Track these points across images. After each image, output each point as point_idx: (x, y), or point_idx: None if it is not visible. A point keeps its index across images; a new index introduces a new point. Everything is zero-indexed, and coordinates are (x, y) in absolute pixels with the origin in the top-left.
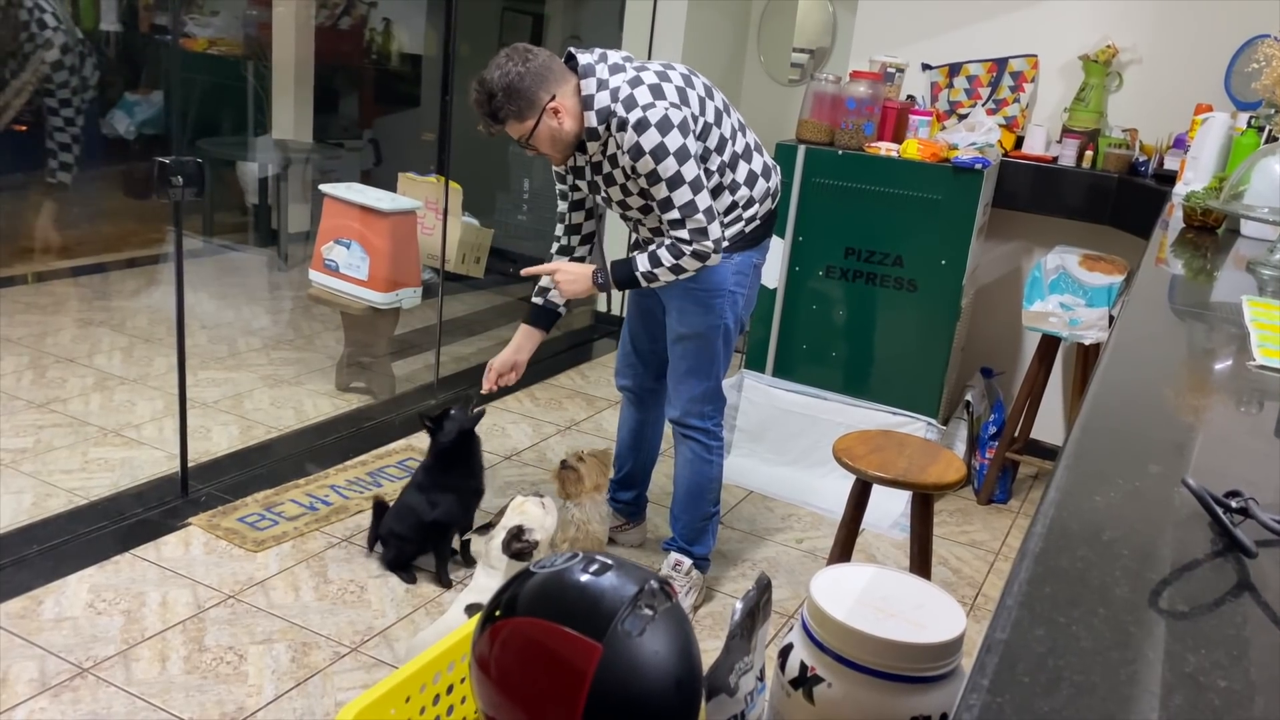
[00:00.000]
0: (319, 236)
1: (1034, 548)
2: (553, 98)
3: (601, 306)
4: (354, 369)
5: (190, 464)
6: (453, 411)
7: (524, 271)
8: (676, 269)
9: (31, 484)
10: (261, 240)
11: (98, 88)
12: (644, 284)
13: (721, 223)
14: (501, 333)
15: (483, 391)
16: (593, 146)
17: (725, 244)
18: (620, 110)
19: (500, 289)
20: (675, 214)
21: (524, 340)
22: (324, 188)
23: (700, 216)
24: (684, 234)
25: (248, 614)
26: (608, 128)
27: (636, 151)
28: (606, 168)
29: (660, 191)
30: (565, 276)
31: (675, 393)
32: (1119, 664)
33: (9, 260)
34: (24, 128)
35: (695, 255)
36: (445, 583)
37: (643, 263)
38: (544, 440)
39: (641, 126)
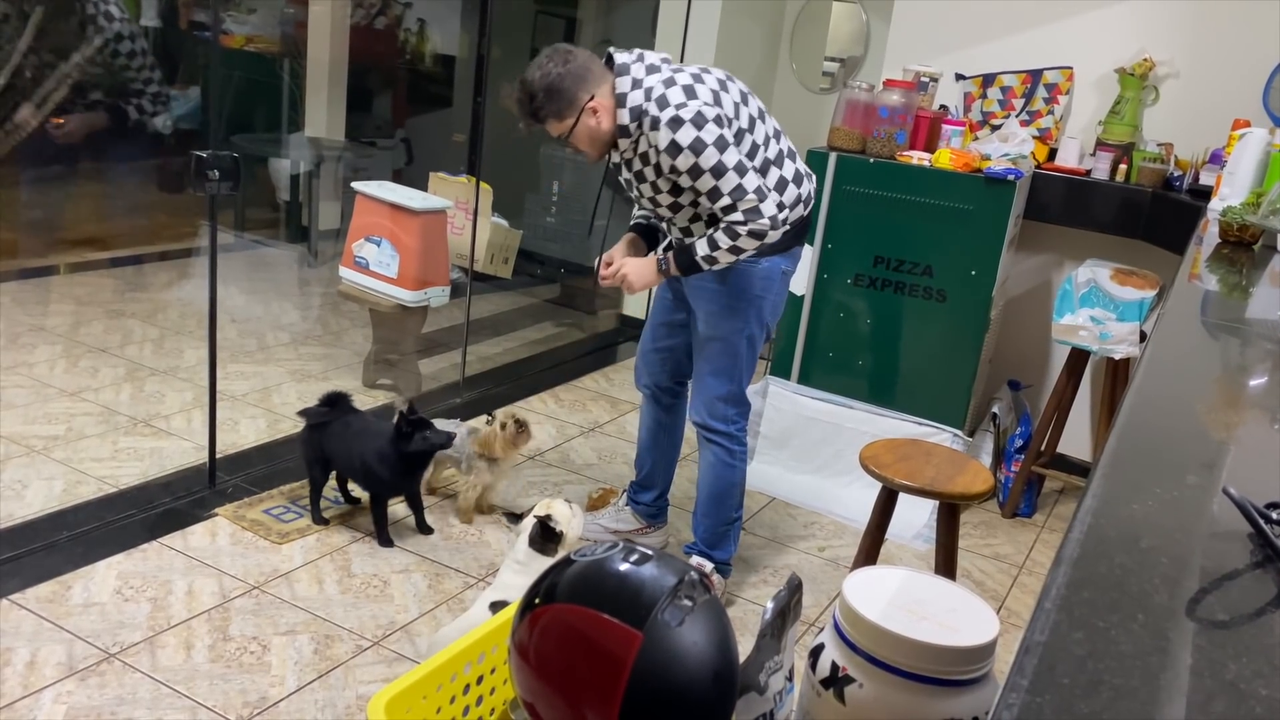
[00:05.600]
0: (350, 233)
1: (1071, 553)
2: (591, 97)
3: (627, 310)
4: (381, 366)
5: (218, 455)
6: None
7: (601, 278)
8: (735, 250)
9: (62, 471)
10: (292, 236)
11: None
12: (705, 267)
13: (777, 200)
14: (528, 333)
15: (602, 280)
16: (624, 143)
17: (783, 220)
18: (653, 109)
19: (528, 290)
20: (726, 200)
21: (628, 245)
22: (356, 185)
23: (751, 196)
24: (738, 216)
25: (272, 605)
26: (639, 125)
27: (674, 149)
28: (637, 165)
29: (706, 183)
30: (632, 270)
31: (698, 394)
32: (1158, 669)
33: (43, 251)
34: (61, 120)
35: (752, 235)
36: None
37: (702, 247)
38: (568, 441)
39: (676, 124)
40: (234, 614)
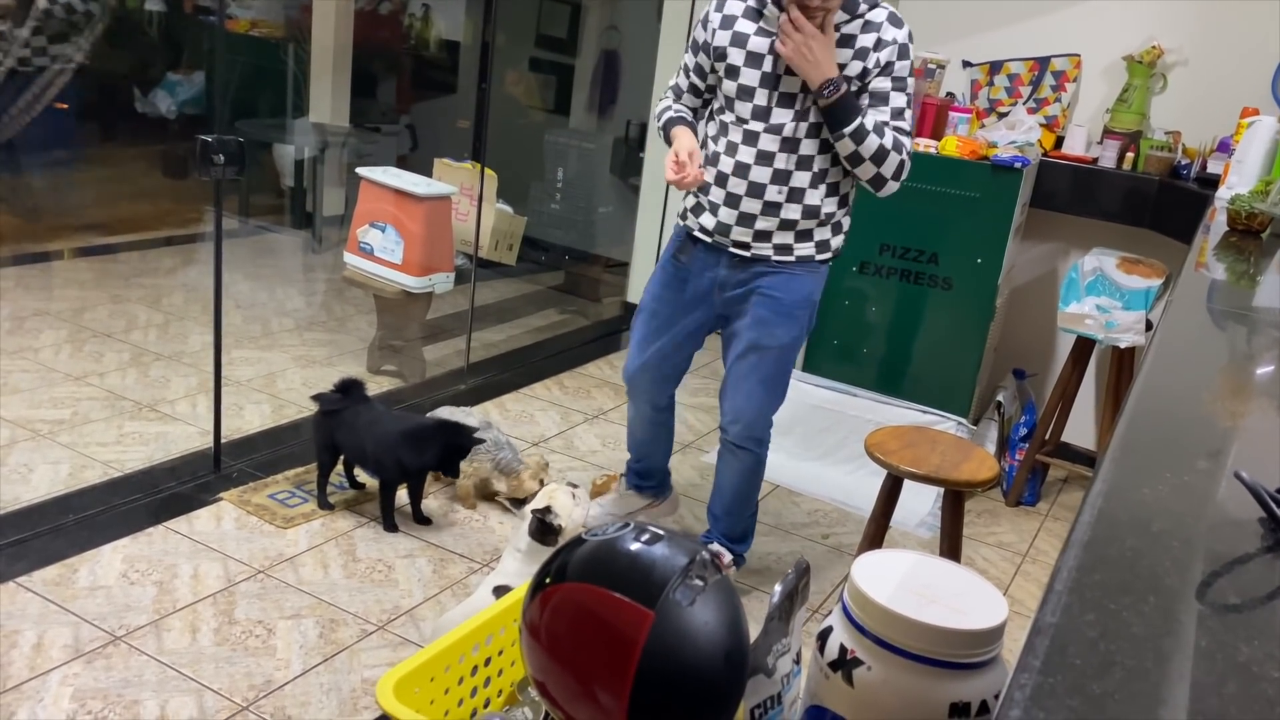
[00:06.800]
0: (355, 219)
1: (1082, 536)
2: None
3: (633, 298)
4: (385, 352)
5: (223, 440)
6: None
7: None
8: (881, 153)
9: (68, 455)
10: (297, 222)
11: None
12: (851, 140)
13: None
14: (532, 320)
15: (688, 184)
16: (842, 14)
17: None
18: (892, 7)
19: (532, 277)
20: (906, 124)
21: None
22: (361, 171)
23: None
24: (908, 141)
25: (277, 589)
26: (870, 9)
27: (905, 51)
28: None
29: (900, 100)
30: (819, 44)
31: (743, 406)
32: (1170, 651)
33: (48, 235)
34: (64, 105)
35: (902, 163)
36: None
37: (870, 119)
38: (572, 428)
39: (911, 38)
40: (239, 598)
